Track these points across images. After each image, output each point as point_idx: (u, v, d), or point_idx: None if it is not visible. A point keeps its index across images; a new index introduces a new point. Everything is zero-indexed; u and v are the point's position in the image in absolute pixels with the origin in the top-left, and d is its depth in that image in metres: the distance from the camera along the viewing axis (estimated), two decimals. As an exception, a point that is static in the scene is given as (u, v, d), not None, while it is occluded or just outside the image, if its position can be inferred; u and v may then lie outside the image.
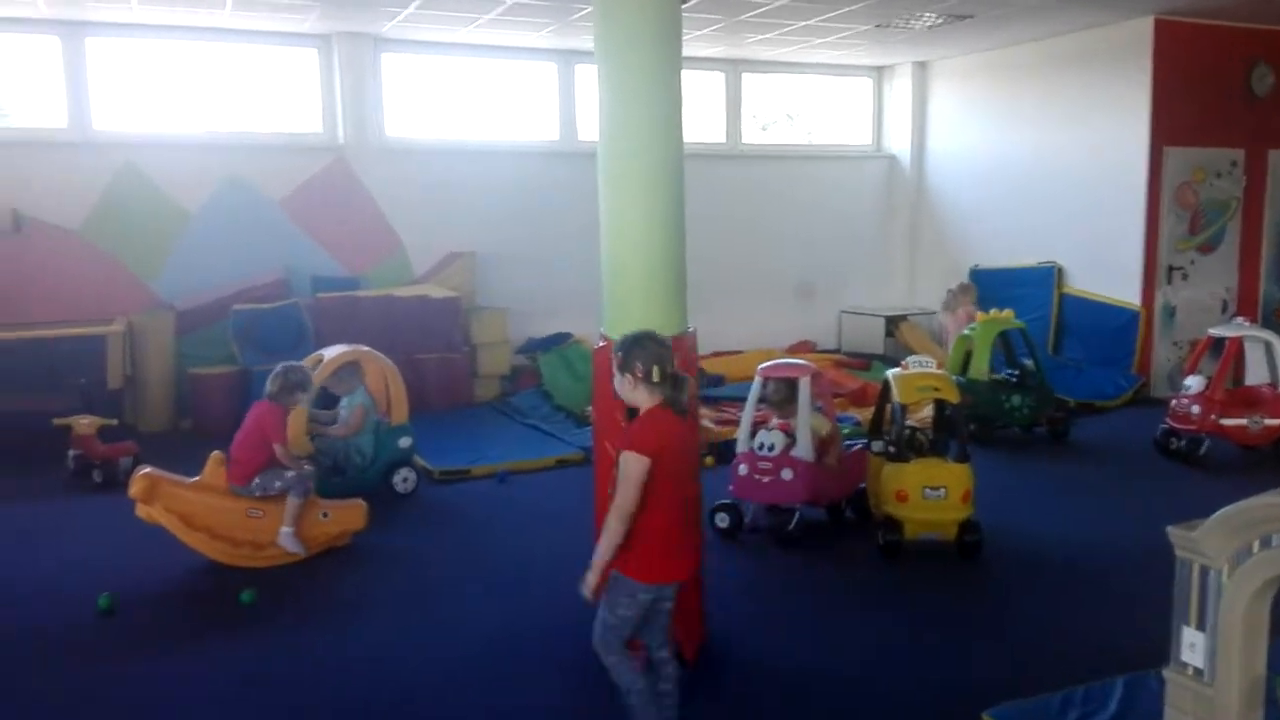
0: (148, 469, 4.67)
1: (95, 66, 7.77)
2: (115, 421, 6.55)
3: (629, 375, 2.87)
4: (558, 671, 3.65)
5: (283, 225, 8.24)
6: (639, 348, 2.87)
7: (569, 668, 3.63)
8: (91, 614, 4.18)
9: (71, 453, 6.18)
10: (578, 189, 8.87)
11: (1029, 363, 7.10)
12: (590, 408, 7.40)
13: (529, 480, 6.19)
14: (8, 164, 7.41)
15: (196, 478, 4.75)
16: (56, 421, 6.22)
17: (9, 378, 6.88)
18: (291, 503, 4.71)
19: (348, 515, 4.94)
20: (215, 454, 4.80)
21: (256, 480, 4.73)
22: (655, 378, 2.84)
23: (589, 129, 9.39)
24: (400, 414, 5.91)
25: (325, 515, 4.87)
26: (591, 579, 2.87)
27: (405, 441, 5.90)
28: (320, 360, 5.73)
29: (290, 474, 4.76)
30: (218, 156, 8.03)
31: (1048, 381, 7.16)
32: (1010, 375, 7.12)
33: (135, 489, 4.58)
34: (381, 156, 8.53)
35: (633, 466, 2.77)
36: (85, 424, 6.21)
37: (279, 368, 4.94)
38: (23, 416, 6.71)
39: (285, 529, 4.69)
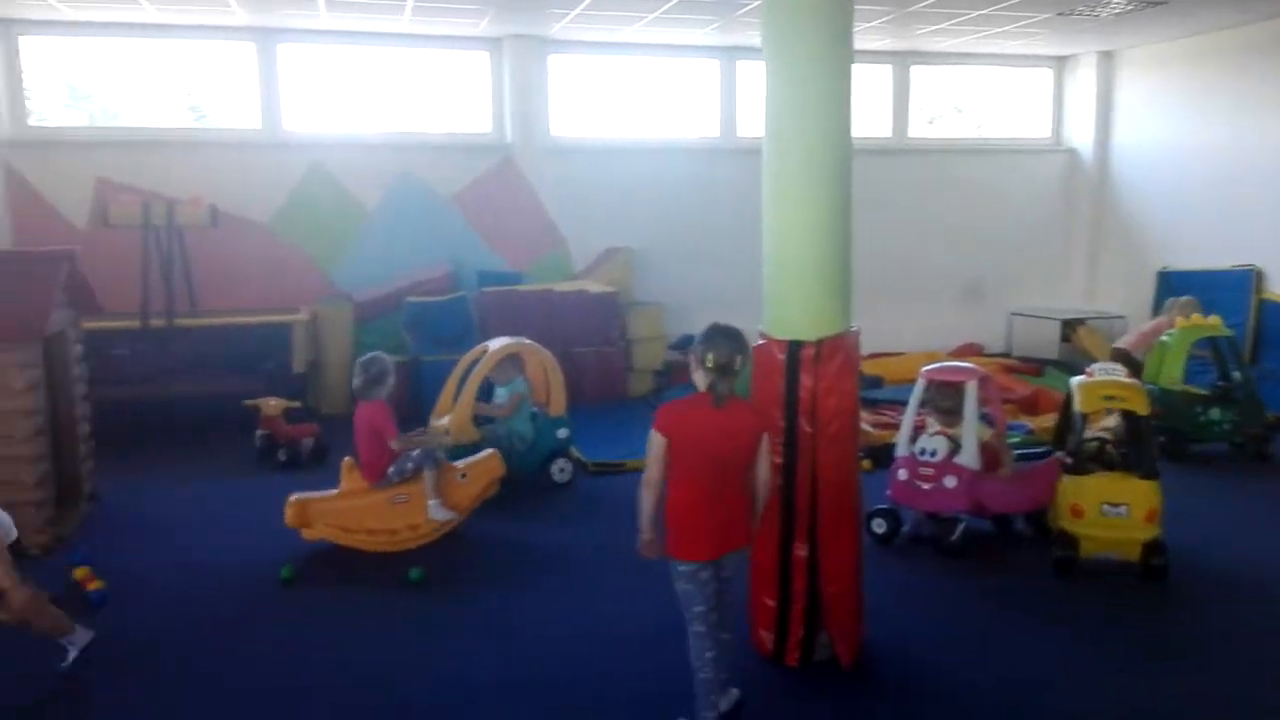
0: (295, 496, 4.89)
1: (286, 71, 8.31)
2: (299, 404, 6.98)
3: (692, 357, 3.11)
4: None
5: (453, 221, 8.58)
6: (706, 336, 3.08)
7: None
8: (274, 583, 4.47)
9: (259, 432, 6.61)
10: (737, 185, 8.86)
11: (1238, 374, 6.54)
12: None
13: (684, 476, 6.19)
14: (207, 163, 8.03)
15: (338, 488, 4.95)
16: (247, 403, 6.69)
17: (207, 361, 7.47)
18: (427, 476, 4.90)
19: (485, 467, 5.10)
20: (346, 460, 5.01)
21: (391, 470, 4.92)
22: (709, 364, 3.01)
23: (750, 125, 9.33)
24: (559, 405, 6.04)
25: (463, 477, 5.04)
26: (641, 537, 3.12)
27: (563, 432, 6.03)
28: (485, 350, 5.91)
29: (417, 452, 4.93)
30: (395, 156, 8.44)
31: (1258, 395, 6.57)
32: (1219, 387, 6.57)
33: (289, 518, 4.81)
34: (546, 155, 8.74)
35: (650, 441, 3.09)
36: (272, 405, 6.64)
37: (359, 363, 5.03)
38: (218, 397, 7.26)
39: (430, 502, 4.88)
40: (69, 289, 5.28)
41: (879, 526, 4.96)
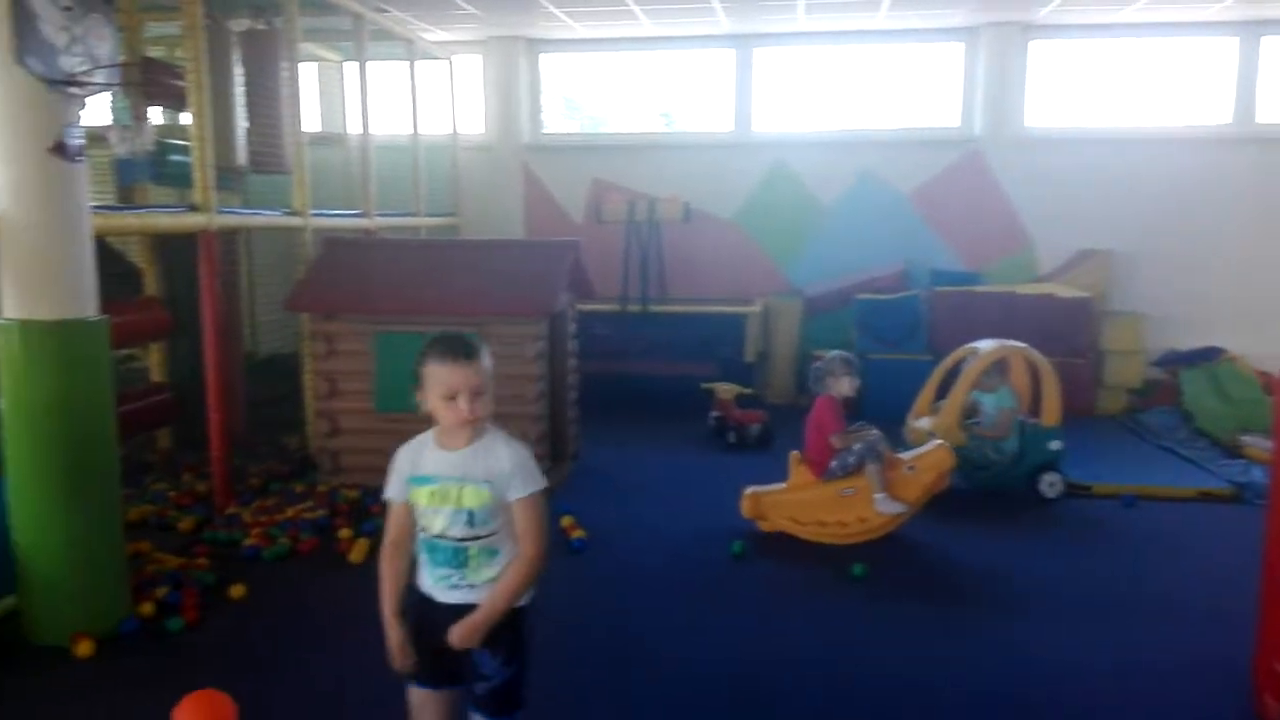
0: (750, 489, 5.07)
1: (760, 74, 8.71)
2: (750, 391, 7.32)
3: None
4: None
5: (909, 219, 8.42)
6: None
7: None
8: (725, 556, 4.72)
9: (713, 414, 7.04)
10: (1251, 179, 7.68)
11: None
12: (1247, 437, 6.38)
13: (1162, 510, 5.48)
14: (681, 163, 8.70)
15: (786, 482, 5.05)
16: (704, 385, 7.17)
17: (671, 344, 8.11)
18: (870, 470, 4.81)
19: (933, 460, 4.90)
20: (794, 454, 5.06)
21: (834, 464, 4.91)
22: None
23: (1274, 110, 7.98)
24: (1053, 415, 5.61)
25: (911, 469, 4.89)
26: None
27: (1055, 444, 5.60)
28: (974, 353, 5.71)
29: (859, 445, 4.84)
30: (855, 153, 8.49)
31: None
32: None
33: (746, 509, 5.03)
34: (1018, 148, 8.22)
35: None
36: (725, 390, 7.05)
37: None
38: (677, 378, 7.89)
39: (877, 495, 4.80)
40: (571, 274, 6.01)
41: None
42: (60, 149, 3.51)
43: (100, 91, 3.77)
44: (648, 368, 8.14)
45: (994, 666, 3.62)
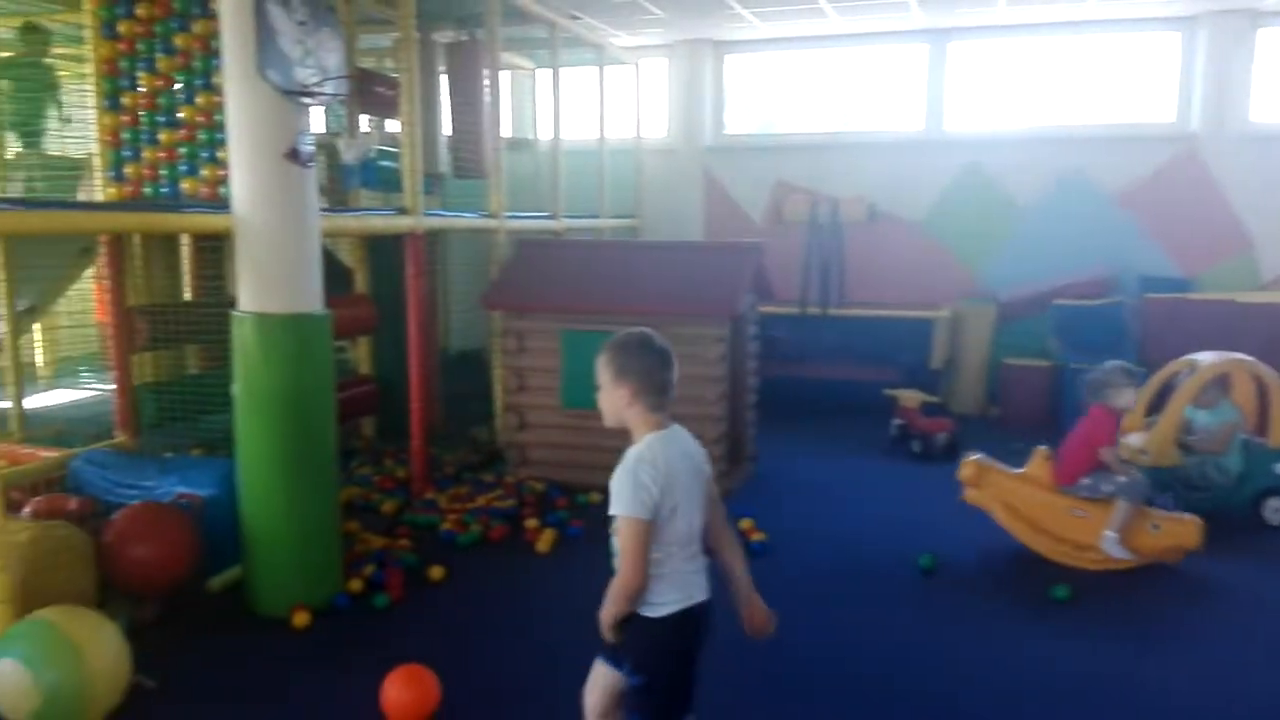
0: (977, 455, 4.89)
1: (953, 70, 8.39)
2: (935, 399, 7.06)
3: None
4: None
5: (1115, 220, 7.88)
6: None
7: None
8: (912, 569, 4.56)
9: (895, 421, 6.83)
10: None
11: None
12: None
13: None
14: (867, 163, 8.47)
15: (1021, 470, 4.82)
16: (887, 391, 6.97)
17: (851, 349, 7.96)
18: (1121, 507, 4.49)
19: (1180, 530, 4.51)
20: (1041, 449, 4.80)
21: (1086, 481, 4.61)
22: None
23: None
24: None
25: (1156, 527, 4.53)
26: None
27: None
28: (1192, 366, 5.32)
29: (1122, 479, 4.53)
30: (1056, 151, 8.02)
31: None
32: None
33: (965, 473, 4.84)
34: (1240, 144, 7.55)
35: None
36: (909, 397, 6.83)
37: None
38: (857, 383, 7.73)
39: (1110, 533, 4.49)
40: (753, 276, 5.99)
41: None
42: (294, 155, 3.80)
43: (328, 101, 4.06)
44: (828, 372, 8.01)
45: (1196, 695, 3.39)
